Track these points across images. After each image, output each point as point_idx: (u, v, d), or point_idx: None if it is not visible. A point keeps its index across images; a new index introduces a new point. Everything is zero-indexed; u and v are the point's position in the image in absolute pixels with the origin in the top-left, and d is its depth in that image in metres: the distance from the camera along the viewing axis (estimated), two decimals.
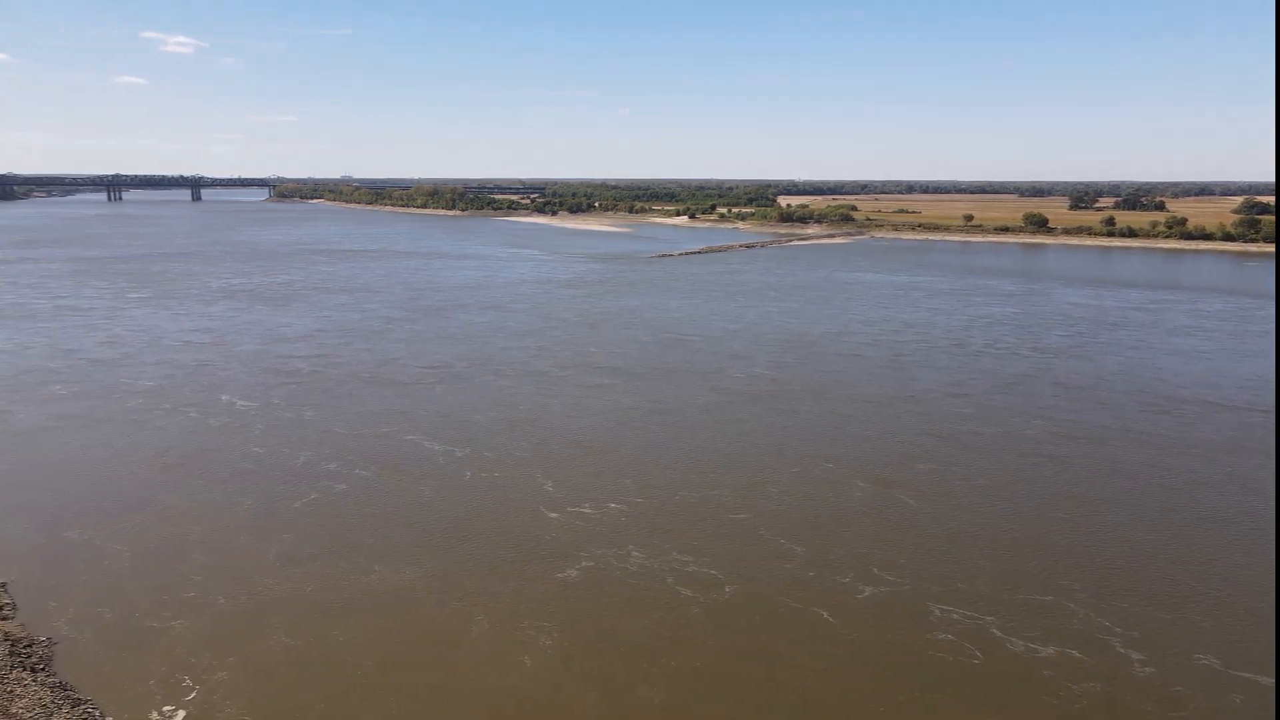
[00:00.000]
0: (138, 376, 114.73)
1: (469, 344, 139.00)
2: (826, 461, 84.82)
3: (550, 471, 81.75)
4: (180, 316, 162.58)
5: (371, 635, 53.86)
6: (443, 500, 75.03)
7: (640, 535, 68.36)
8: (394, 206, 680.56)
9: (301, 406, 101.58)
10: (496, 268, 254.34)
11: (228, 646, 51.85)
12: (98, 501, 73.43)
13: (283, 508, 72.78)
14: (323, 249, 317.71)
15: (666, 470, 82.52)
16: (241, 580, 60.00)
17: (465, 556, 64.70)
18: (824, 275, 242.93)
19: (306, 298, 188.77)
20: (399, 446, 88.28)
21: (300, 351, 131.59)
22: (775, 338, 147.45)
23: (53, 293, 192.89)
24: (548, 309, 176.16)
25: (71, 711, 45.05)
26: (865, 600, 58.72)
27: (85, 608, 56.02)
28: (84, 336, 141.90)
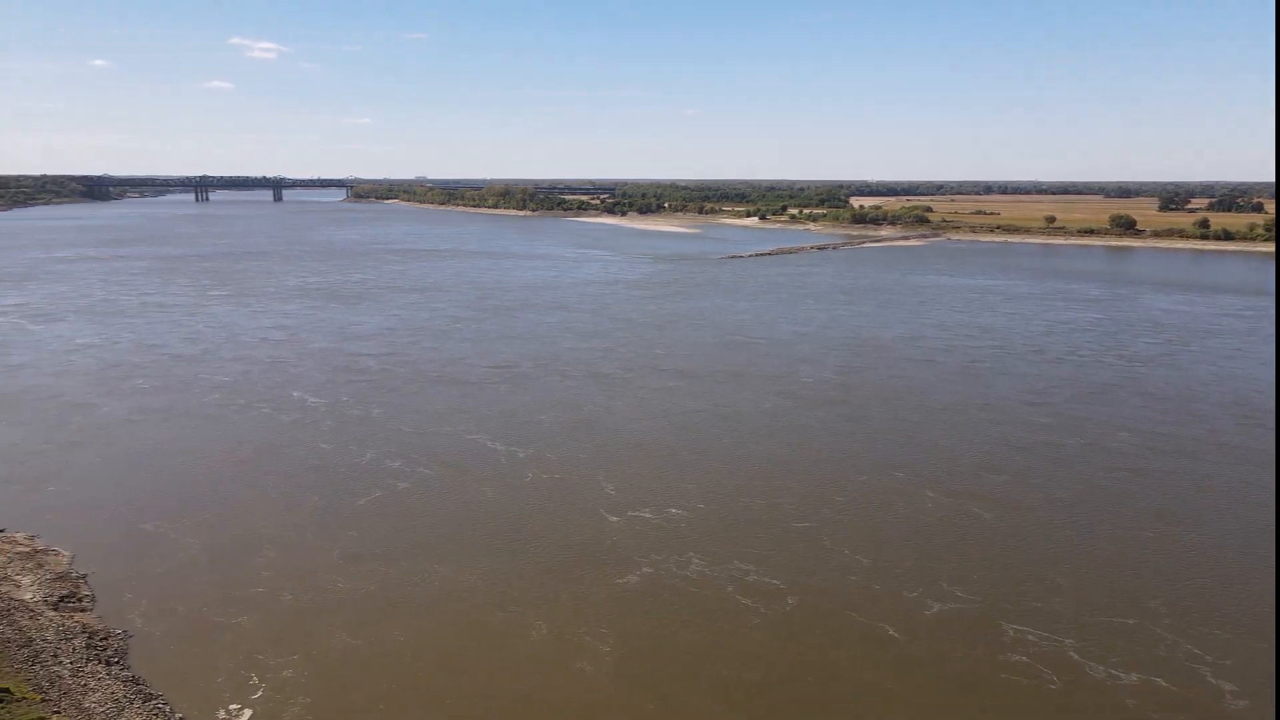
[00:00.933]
0: (215, 372, 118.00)
1: (535, 344, 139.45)
2: (895, 470, 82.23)
3: (612, 474, 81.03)
4: (257, 314, 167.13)
5: (431, 637, 53.74)
6: (504, 501, 74.91)
7: (701, 542, 67.09)
8: (466, 207, 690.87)
9: (369, 404, 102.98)
10: (565, 268, 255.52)
11: (292, 644, 52.21)
12: (173, 495, 75.28)
13: (347, 505, 73.57)
14: (395, 248, 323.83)
15: (729, 475, 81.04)
16: (306, 577, 60.59)
17: (525, 559, 64.33)
18: (897, 278, 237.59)
19: (378, 296, 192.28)
20: (462, 446, 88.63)
21: (370, 350, 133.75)
22: (845, 342, 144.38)
23: (140, 290, 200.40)
24: (614, 310, 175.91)
25: (142, 707, 45.45)
26: (933, 617, 56.40)
27: (158, 601, 57.14)
28: (167, 332, 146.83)
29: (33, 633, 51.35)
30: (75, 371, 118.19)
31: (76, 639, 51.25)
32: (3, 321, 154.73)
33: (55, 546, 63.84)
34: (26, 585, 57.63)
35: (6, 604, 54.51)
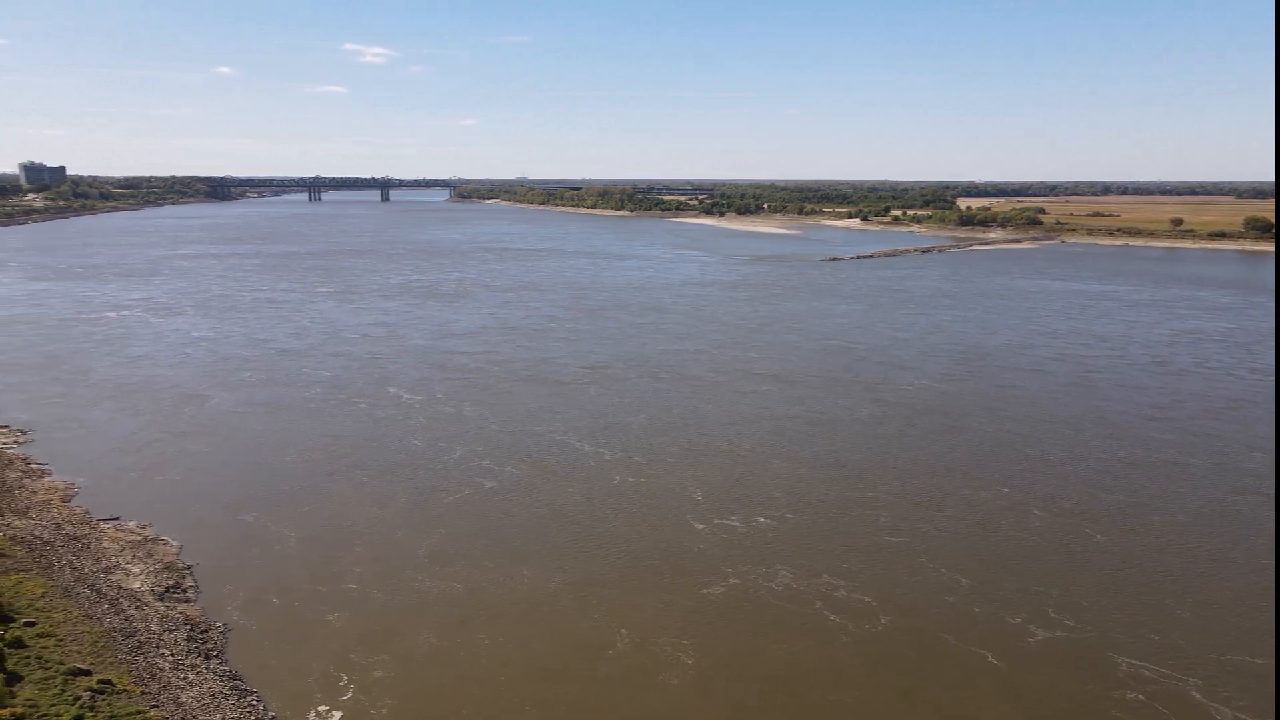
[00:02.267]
0: (318, 367, 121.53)
1: (627, 345, 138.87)
2: (1000, 485, 77.96)
3: (699, 480, 79.41)
4: (360, 310, 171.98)
5: (515, 641, 53.15)
6: (590, 504, 74.19)
7: (789, 554, 64.81)
8: (565, 207, 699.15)
9: (462, 401, 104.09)
10: (661, 269, 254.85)
11: (381, 644, 52.24)
12: (274, 486, 77.29)
13: (436, 502, 74.12)
14: (495, 248, 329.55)
15: (821, 485, 78.34)
16: (396, 575, 60.87)
17: (610, 564, 63.35)
18: (1005, 282, 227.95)
19: (475, 295, 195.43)
20: (551, 446, 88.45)
21: (465, 348, 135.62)
22: (947, 348, 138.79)
23: (253, 286, 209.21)
24: (709, 312, 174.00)
25: (237, 704, 45.71)
26: (1038, 645, 52.77)
27: (256, 593, 58.12)
28: (276, 327, 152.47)
29: (138, 623, 52.69)
30: (190, 364, 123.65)
31: (179, 630, 52.32)
32: (128, 315, 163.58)
33: (165, 536, 65.92)
34: (136, 574, 59.42)
35: (117, 592, 56.31)
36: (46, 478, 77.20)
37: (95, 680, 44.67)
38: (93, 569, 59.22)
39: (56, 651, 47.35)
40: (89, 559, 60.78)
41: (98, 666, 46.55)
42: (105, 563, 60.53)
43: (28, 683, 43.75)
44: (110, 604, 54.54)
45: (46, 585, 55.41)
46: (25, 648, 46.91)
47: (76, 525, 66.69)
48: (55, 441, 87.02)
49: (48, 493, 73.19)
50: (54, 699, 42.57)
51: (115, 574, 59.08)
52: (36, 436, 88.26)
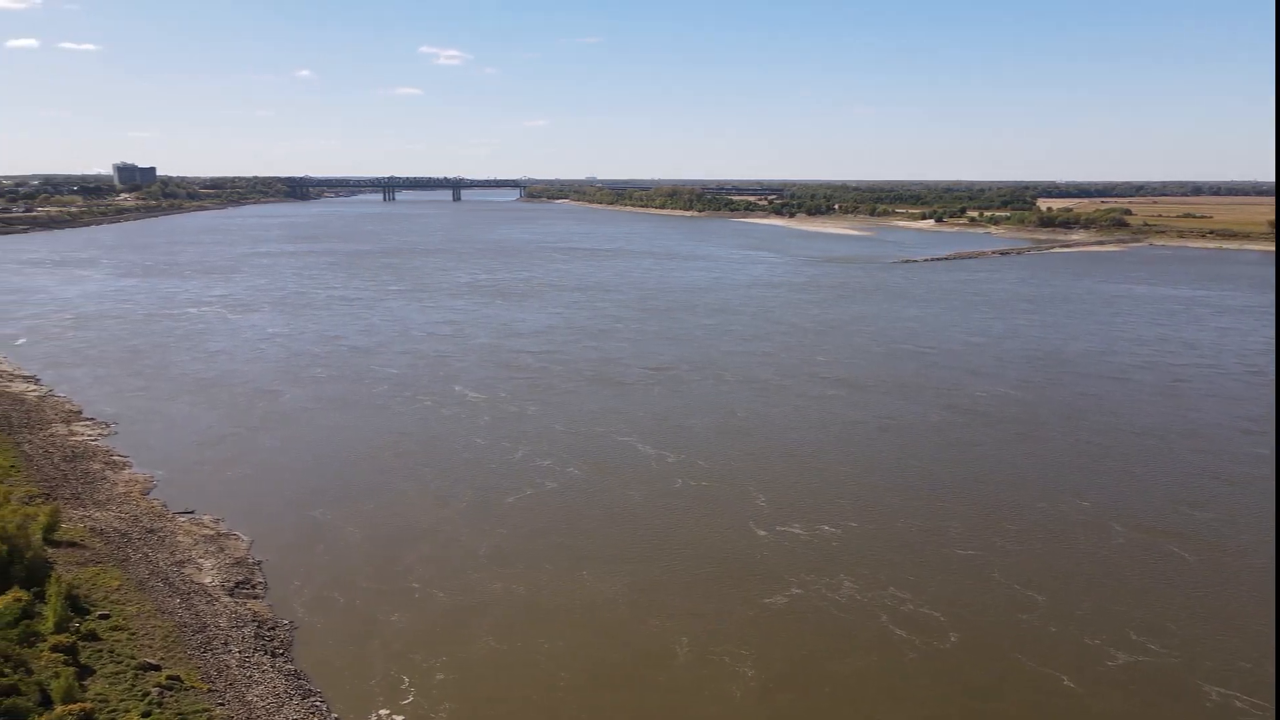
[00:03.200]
0: (386, 364, 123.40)
1: (693, 347, 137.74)
2: (1079, 499, 74.63)
3: (763, 485, 77.93)
4: (428, 309, 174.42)
5: (574, 646, 52.56)
6: (651, 507, 73.39)
7: (854, 564, 62.99)
8: (634, 207, 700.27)
9: (525, 401, 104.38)
10: (729, 270, 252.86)
11: (441, 645, 52.14)
12: (341, 482, 78.32)
13: (497, 502, 74.19)
14: (563, 247, 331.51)
15: (888, 493, 76.12)
16: (457, 576, 60.82)
17: (670, 569, 62.44)
18: (1088, 286, 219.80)
19: (542, 294, 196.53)
20: (613, 447, 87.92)
21: (530, 347, 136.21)
22: (1024, 354, 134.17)
23: (327, 284, 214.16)
24: (777, 314, 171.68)
25: (301, 704, 45.81)
26: (1119, 669, 50.11)
27: (322, 590, 58.57)
28: (347, 324, 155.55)
29: (208, 618, 53.35)
30: (264, 359, 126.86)
31: (247, 627, 52.68)
32: (208, 311, 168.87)
33: (236, 531, 66.96)
34: (207, 569, 60.32)
35: (188, 587, 57.21)
36: (127, 470, 79.50)
37: (164, 676, 45.28)
38: (167, 562, 60.42)
39: (128, 645, 48.22)
40: (163, 552, 62.07)
41: (167, 662, 47.27)
42: (179, 556, 61.71)
43: (99, 677, 44.57)
44: (182, 598, 55.45)
45: (122, 578, 56.76)
46: (99, 640, 47.87)
47: (153, 518, 68.30)
48: (137, 434, 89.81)
49: (128, 485, 75.28)
50: (123, 694, 43.22)
51: (188, 568, 60.12)
52: (120, 429, 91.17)
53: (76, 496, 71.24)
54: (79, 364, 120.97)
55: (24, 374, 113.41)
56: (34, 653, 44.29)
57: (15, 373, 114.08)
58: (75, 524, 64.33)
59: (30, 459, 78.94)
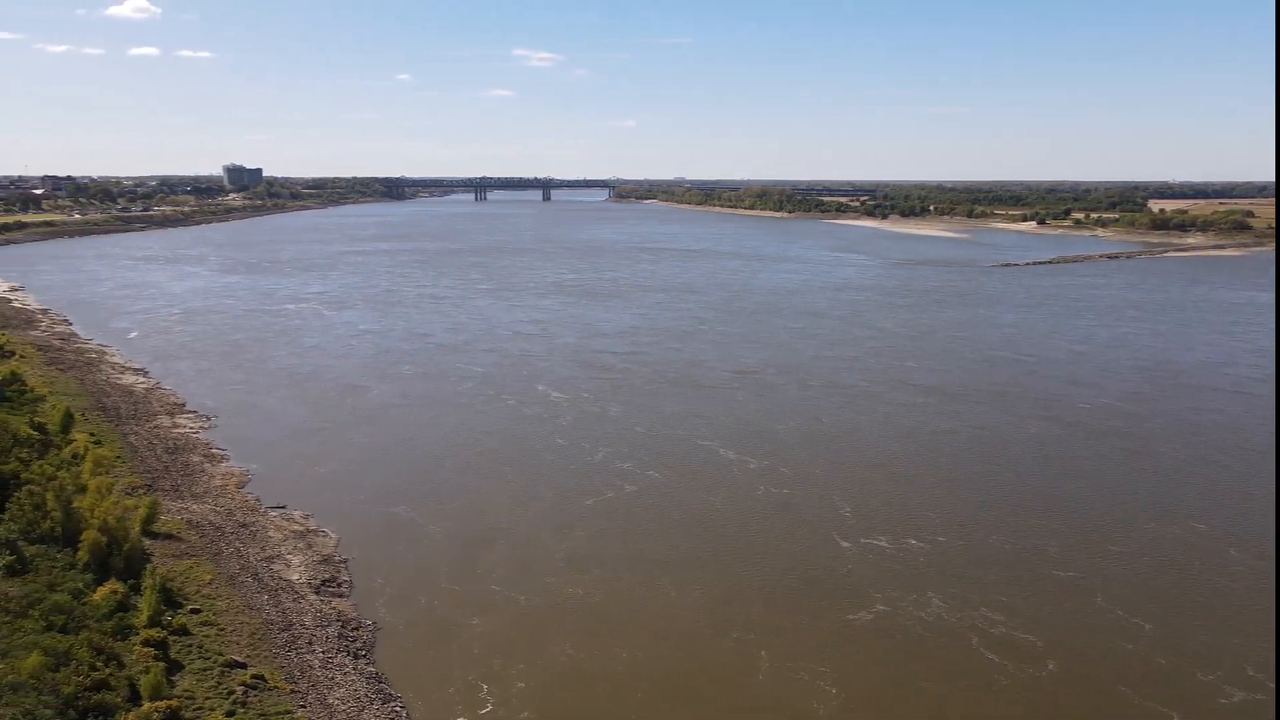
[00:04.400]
0: (471, 362, 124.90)
1: (778, 350, 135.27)
2: (1192, 520, 69.88)
3: (849, 495, 75.52)
4: (515, 308, 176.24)
5: (652, 657, 51.52)
6: (732, 514, 71.89)
7: (942, 581, 60.23)
8: (722, 207, 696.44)
9: (608, 402, 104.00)
10: (818, 272, 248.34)
11: (520, 652, 51.56)
12: (425, 480, 79.15)
13: (577, 504, 73.80)
14: (650, 248, 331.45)
15: (979, 508, 72.75)
16: (536, 579, 60.38)
17: (750, 580, 60.89)
18: (1204, 293, 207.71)
19: (627, 295, 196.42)
20: (694, 451, 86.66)
21: (614, 347, 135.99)
22: (1132, 364, 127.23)
23: (418, 281, 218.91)
24: (866, 317, 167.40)
25: (381, 709, 45.64)
26: (1235, 708, 46.47)
27: (403, 590, 58.81)
28: (435, 322, 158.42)
29: (294, 616, 53.90)
30: (355, 355, 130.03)
31: (331, 627, 52.97)
32: (305, 308, 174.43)
33: (324, 527, 67.84)
34: (296, 565, 61.18)
35: (277, 583, 58.02)
36: (225, 463, 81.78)
37: (249, 675, 45.77)
38: (257, 558, 61.50)
39: (216, 641, 49.01)
40: (254, 547, 63.23)
41: (253, 660, 47.86)
42: (269, 552, 62.73)
43: (187, 672, 45.35)
44: (270, 594, 56.21)
45: (214, 572, 58.04)
46: (188, 635, 48.82)
47: (247, 512, 69.83)
48: (235, 427, 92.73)
49: (224, 478, 77.35)
50: (209, 692, 43.79)
51: (277, 564, 61.01)
52: (219, 422, 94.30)
53: (176, 489, 73.66)
54: (184, 357, 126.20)
55: (134, 366, 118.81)
56: (126, 646, 45.42)
57: (126, 365, 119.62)
58: (173, 516, 66.30)
59: (135, 450, 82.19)
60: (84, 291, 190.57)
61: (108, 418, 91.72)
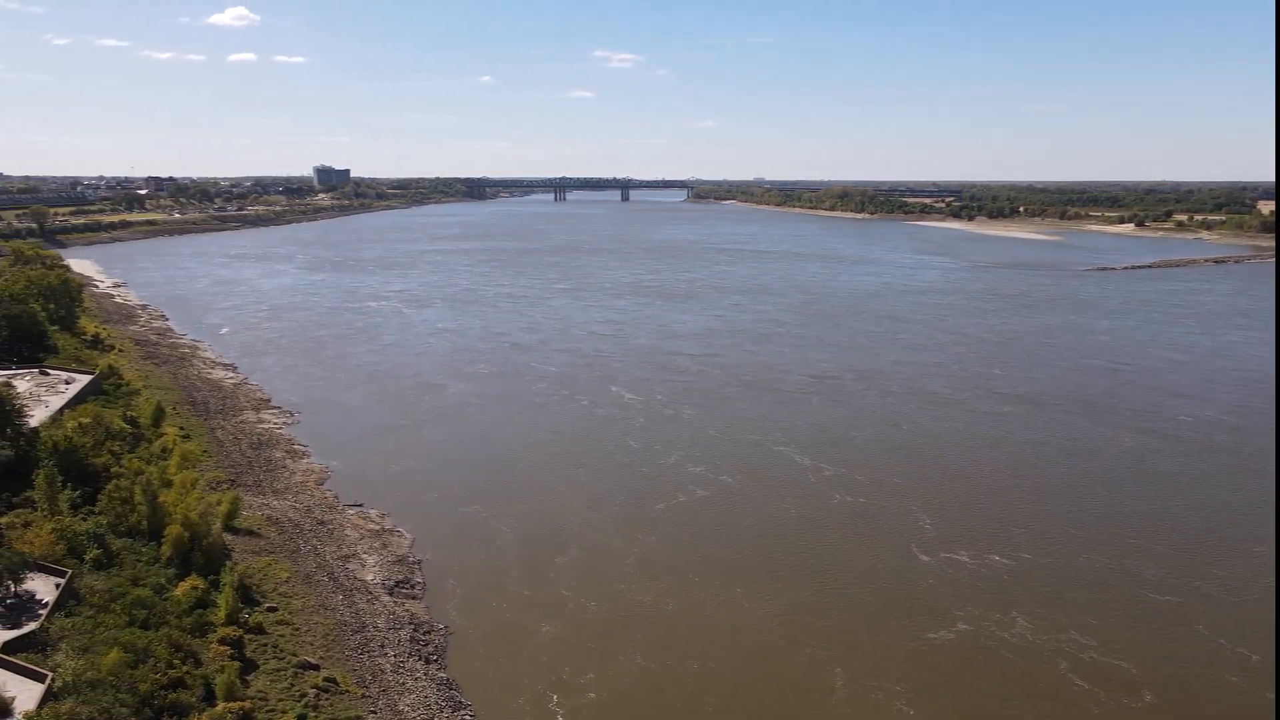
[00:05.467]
0: (545, 362, 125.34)
1: (857, 355, 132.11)
2: None
3: (929, 506, 72.88)
4: (590, 308, 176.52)
5: (725, 670, 50.41)
6: (807, 522, 70.08)
7: (1029, 601, 57.45)
8: (802, 208, 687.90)
9: (681, 404, 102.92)
10: (900, 275, 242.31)
11: (590, 660, 51.03)
12: (498, 480, 79.37)
13: (648, 508, 72.97)
14: (728, 249, 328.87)
15: (1069, 524, 69.30)
16: (607, 586, 59.82)
17: (825, 592, 59.15)
18: None
19: (704, 296, 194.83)
20: (768, 457, 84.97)
21: (689, 349, 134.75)
22: (1239, 375, 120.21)
23: (496, 280, 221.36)
24: (950, 322, 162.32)
25: (451, 717, 45.39)
26: None
27: (475, 593, 58.85)
28: (511, 321, 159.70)
29: (367, 618, 54.15)
30: (432, 353, 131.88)
31: (403, 630, 52.98)
32: (385, 306, 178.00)
33: (400, 527, 68.42)
34: (371, 565, 61.69)
35: (352, 583, 58.52)
36: (305, 460, 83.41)
37: (321, 677, 46.08)
38: (333, 556, 62.21)
39: (291, 641, 49.57)
40: (331, 545, 64.01)
41: (326, 661, 48.22)
42: (345, 551, 63.41)
43: (261, 673, 45.92)
44: (344, 595, 56.68)
45: (291, 570, 58.96)
46: (264, 634, 49.49)
47: (325, 510, 70.88)
48: (316, 423, 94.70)
49: (305, 475, 78.79)
50: (282, 693, 44.22)
51: (352, 564, 61.60)
52: (302, 418, 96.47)
53: (258, 484, 75.34)
54: (270, 353, 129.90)
55: (224, 362, 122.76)
56: (204, 643, 46.28)
57: (217, 360, 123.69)
58: (254, 512, 67.75)
59: (221, 445, 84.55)
60: (180, 288, 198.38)
61: (197, 412, 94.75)
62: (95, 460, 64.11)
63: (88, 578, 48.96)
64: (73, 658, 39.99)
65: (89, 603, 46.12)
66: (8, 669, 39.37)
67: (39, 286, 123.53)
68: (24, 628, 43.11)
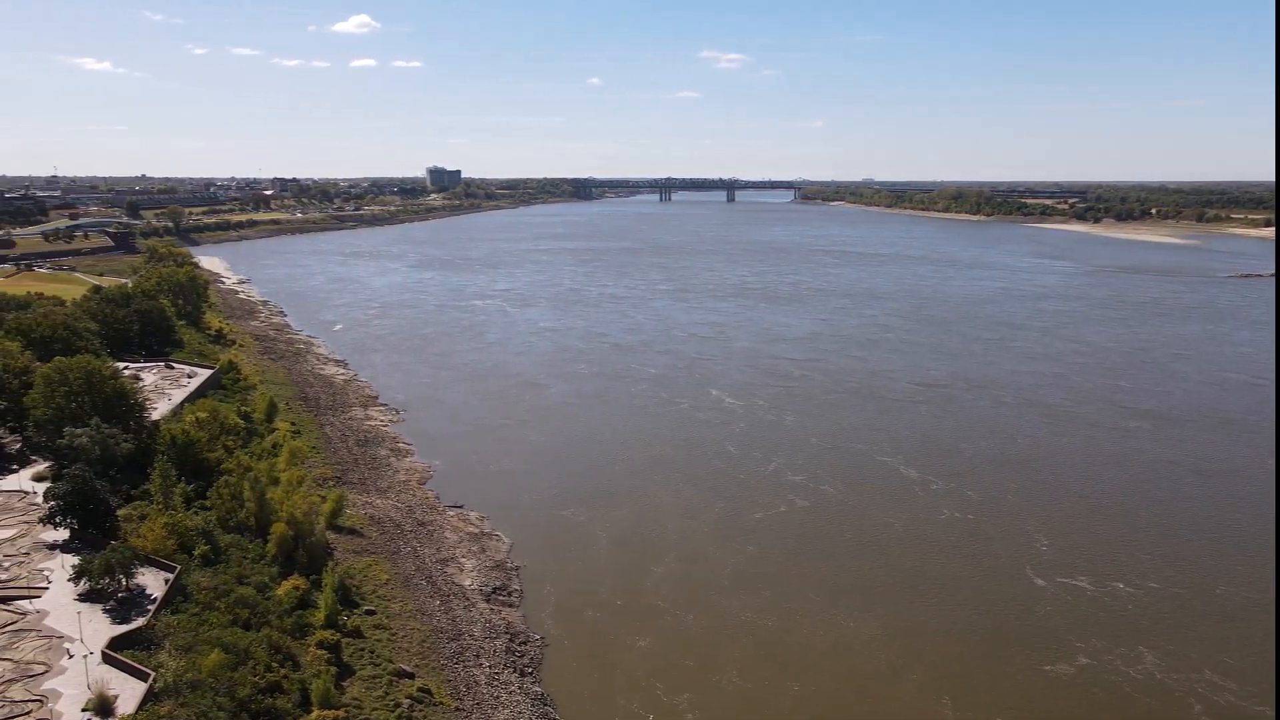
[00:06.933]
0: (646, 364, 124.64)
1: (970, 363, 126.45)
2: None
3: (1045, 526, 68.69)
4: (693, 309, 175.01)
5: (826, 694, 48.50)
6: (912, 538, 66.97)
7: (1157, 634, 53.23)
8: (913, 210, 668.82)
9: (783, 410, 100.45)
10: (1017, 279, 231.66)
11: (685, 678, 49.64)
12: (595, 483, 79.04)
13: (746, 517, 71.18)
14: (835, 250, 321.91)
15: (1205, 552, 64.14)
16: (703, 598, 58.38)
17: (933, 614, 56.23)
18: None
19: (809, 299, 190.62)
20: (871, 467, 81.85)
21: (792, 354, 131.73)
22: None
23: (599, 280, 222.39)
24: (1071, 330, 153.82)
25: None
26: None
27: (570, 601, 58.18)
28: (613, 322, 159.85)
29: (463, 625, 53.92)
30: (534, 352, 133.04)
31: (499, 640, 52.50)
32: (490, 304, 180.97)
33: (498, 531, 68.51)
34: (469, 570, 61.73)
35: (449, 588, 58.50)
36: (409, 458, 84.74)
37: (416, 687, 45.82)
38: (432, 559, 62.51)
39: (387, 647, 49.62)
40: (431, 547, 64.41)
41: (421, 670, 48.06)
42: (444, 554, 63.68)
43: (357, 679, 45.99)
44: (441, 600, 56.69)
45: (391, 572, 59.47)
46: (361, 639, 49.70)
47: (426, 510, 71.60)
48: (420, 421, 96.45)
49: (408, 474, 79.98)
50: (376, 702, 44.11)
51: (450, 567, 61.77)
52: (407, 415, 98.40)
53: (363, 482, 76.80)
54: (379, 350, 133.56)
55: (336, 358, 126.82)
56: (302, 646, 46.79)
57: (329, 356, 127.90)
58: (357, 510, 69.00)
59: (330, 441, 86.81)
60: (299, 284, 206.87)
61: (308, 408, 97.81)
62: (209, 455, 66.53)
63: (195, 574, 50.49)
64: (175, 657, 40.99)
65: (195, 599, 47.40)
66: (114, 666, 40.53)
67: (169, 283, 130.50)
68: (132, 623, 44.62)
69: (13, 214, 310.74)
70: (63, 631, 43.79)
